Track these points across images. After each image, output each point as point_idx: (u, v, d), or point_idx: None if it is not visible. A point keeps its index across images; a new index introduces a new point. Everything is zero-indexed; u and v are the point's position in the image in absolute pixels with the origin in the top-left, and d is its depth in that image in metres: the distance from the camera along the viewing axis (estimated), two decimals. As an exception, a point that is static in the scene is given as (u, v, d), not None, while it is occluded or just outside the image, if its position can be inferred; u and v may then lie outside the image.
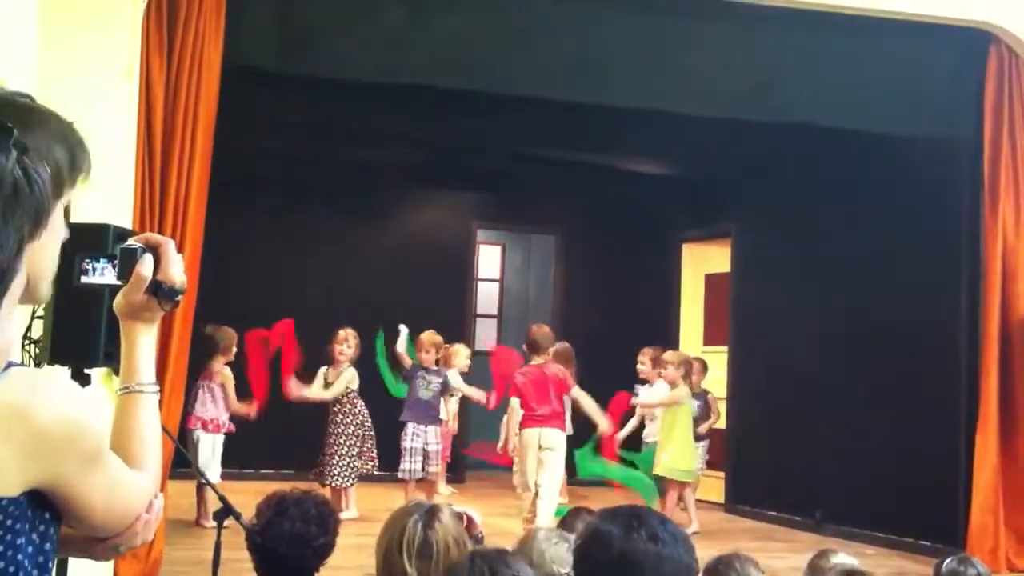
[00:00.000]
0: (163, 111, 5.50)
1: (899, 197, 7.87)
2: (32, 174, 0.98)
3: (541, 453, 7.32)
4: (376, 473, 8.13)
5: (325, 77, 6.45)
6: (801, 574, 4.19)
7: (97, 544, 1.46)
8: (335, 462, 7.77)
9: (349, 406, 7.84)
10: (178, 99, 5.53)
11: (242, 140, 8.01)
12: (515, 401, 7.44)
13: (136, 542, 1.48)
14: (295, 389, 7.77)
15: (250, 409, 7.50)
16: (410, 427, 8.12)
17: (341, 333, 7.92)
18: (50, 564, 1.31)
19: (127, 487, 1.42)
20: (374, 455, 7.90)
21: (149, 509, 1.48)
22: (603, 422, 7.46)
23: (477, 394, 8.85)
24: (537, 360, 7.47)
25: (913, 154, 7.67)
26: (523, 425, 7.38)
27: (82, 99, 5.25)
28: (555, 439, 7.34)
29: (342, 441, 7.79)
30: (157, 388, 1.60)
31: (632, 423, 8.50)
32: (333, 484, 7.74)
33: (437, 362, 8.40)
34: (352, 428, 7.82)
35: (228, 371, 7.53)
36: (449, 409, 8.44)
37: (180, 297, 1.60)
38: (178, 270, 1.60)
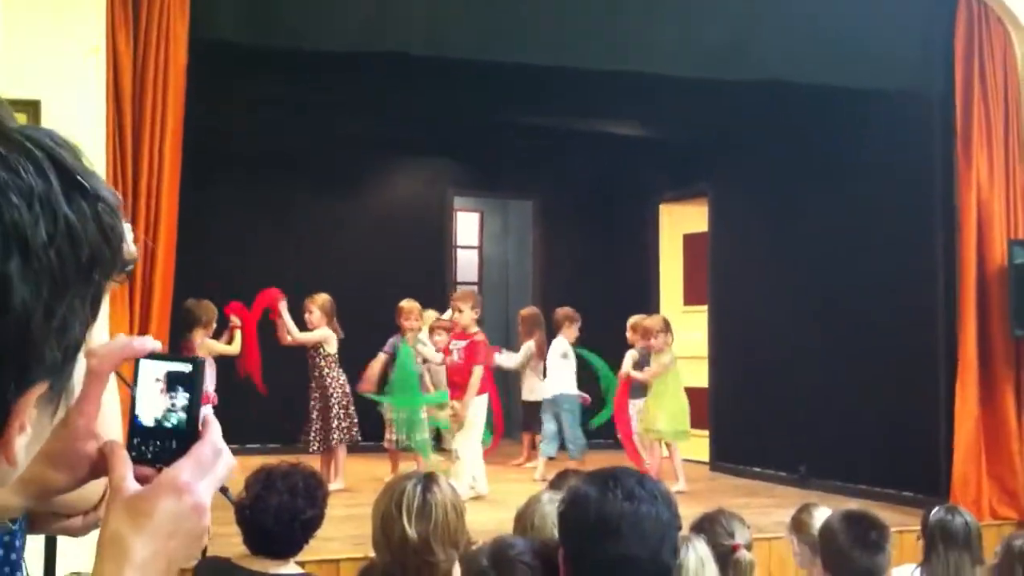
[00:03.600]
0: (131, 87, 5.44)
1: (874, 151, 7.88)
2: (107, 227, 0.83)
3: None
4: (363, 444, 8.12)
5: (295, 48, 6.39)
6: (786, 528, 4.24)
7: (71, 520, 1.41)
8: (319, 427, 7.74)
9: (327, 370, 7.80)
10: (146, 75, 5.47)
11: (215, 114, 7.95)
12: (480, 369, 7.59)
13: None
14: (281, 308, 7.74)
15: (236, 343, 7.56)
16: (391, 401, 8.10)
17: (306, 302, 7.89)
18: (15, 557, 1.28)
19: None
20: (355, 422, 7.84)
21: None
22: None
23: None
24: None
25: (887, 108, 7.67)
26: (481, 391, 7.62)
27: (49, 79, 5.20)
28: None
29: (320, 406, 7.74)
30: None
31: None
32: (319, 449, 7.71)
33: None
34: (332, 392, 7.76)
35: (210, 342, 7.49)
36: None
37: (131, 268, 1.59)
38: (127, 240, 1.57)
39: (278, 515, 3.26)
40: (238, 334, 7.65)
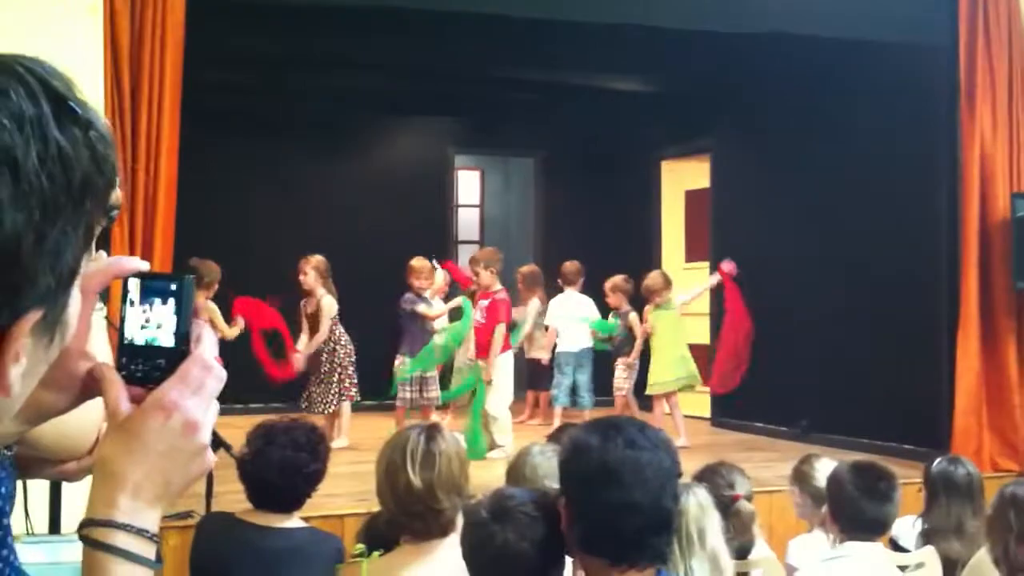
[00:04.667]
0: (129, 47, 5.41)
1: (877, 105, 7.84)
2: (100, 157, 0.82)
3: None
4: (367, 403, 8.14)
5: (295, 3, 6.34)
6: (788, 479, 4.26)
7: (65, 464, 1.39)
8: (321, 388, 7.74)
9: (330, 334, 7.79)
10: (144, 34, 5.43)
11: (213, 74, 7.91)
12: (503, 327, 7.59)
13: None
14: (299, 363, 7.72)
15: (236, 328, 7.47)
16: (408, 360, 8.08)
17: (300, 263, 7.84)
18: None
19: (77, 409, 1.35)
20: (355, 382, 7.84)
21: None
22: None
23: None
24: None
25: (891, 62, 7.61)
26: (505, 349, 7.64)
27: (46, 39, 5.16)
28: None
29: (326, 368, 7.74)
30: (103, 307, 1.55)
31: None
32: (325, 411, 7.72)
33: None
34: (335, 355, 7.76)
35: (212, 304, 7.44)
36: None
37: (115, 213, 1.58)
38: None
39: (281, 469, 3.28)
40: (241, 321, 7.52)
